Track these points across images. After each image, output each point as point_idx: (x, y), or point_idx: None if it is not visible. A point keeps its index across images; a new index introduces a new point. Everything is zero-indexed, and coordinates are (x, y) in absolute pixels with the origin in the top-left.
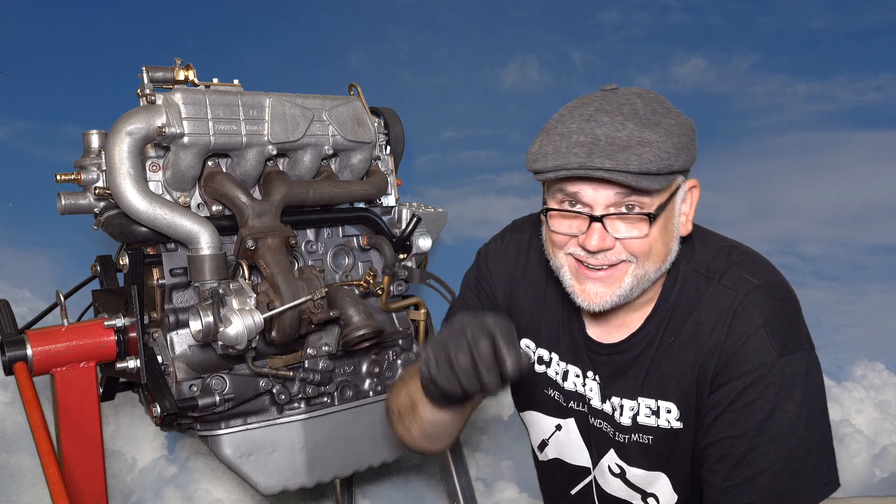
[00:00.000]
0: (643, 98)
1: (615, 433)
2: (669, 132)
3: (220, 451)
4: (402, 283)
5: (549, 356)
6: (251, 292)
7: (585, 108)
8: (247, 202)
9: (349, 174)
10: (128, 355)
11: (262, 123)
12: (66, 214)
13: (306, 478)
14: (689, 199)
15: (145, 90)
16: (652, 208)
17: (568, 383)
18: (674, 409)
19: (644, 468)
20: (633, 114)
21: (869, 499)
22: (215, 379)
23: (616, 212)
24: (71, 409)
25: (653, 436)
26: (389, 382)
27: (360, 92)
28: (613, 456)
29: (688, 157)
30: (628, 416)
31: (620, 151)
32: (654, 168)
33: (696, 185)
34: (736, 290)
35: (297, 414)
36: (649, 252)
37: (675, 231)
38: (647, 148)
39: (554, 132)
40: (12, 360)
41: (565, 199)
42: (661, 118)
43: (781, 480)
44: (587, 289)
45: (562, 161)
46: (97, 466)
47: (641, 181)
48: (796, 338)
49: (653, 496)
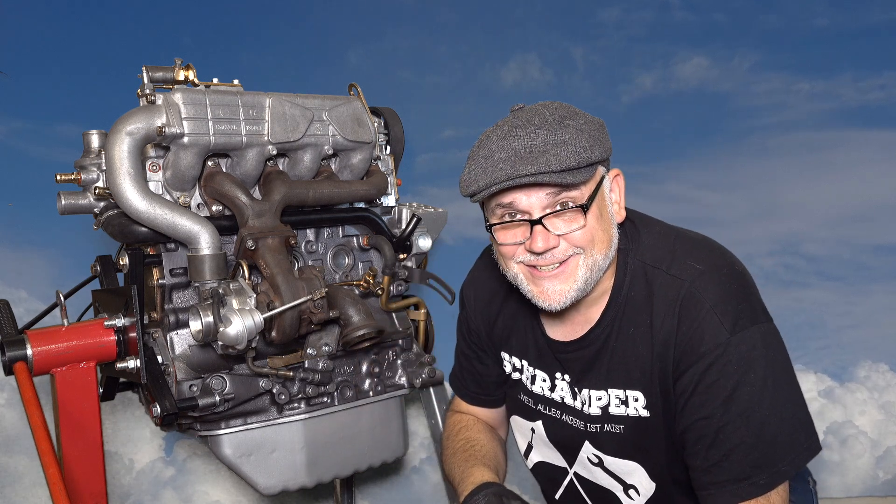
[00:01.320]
0: (549, 108)
1: (586, 425)
2: (579, 130)
3: (220, 451)
4: (402, 283)
5: (521, 363)
6: (251, 292)
7: (500, 129)
8: (247, 202)
9: (349, 174)
10: (128, 355)
11: (262, 123)
12: (66, 214)
13: (306, 478)
14: (617, 188)
15: (145, 90)
16: (583, 200)
17: (535, 387)
18: (640, 397)
19: (619, 456)
20: (542, 122)
21: (869, 499)
22: (215, 379)
23: (552, 211)
24: (71, 409)
25: (623, 425)
26: (389, 382)
27: (360, 92)
28: (589, 447)
29: (602, 149)
30: (597, 406)
31: (540, 156)
32: (573, 163)
33: (619, 173)
34: (682, 278)
35: (297, 414)
36: (593, 240)
37: (611, 218)
38: (563, 147)
39: (478, 157)
40: (12, 360)
41: (504, 213)
42: (568, 121)
43: (758, 452)
44: (545, 289)
45: (490, 178)
46: (97, 466)
47: (566, 177)
48: (749, 313)
49: (633, 487)
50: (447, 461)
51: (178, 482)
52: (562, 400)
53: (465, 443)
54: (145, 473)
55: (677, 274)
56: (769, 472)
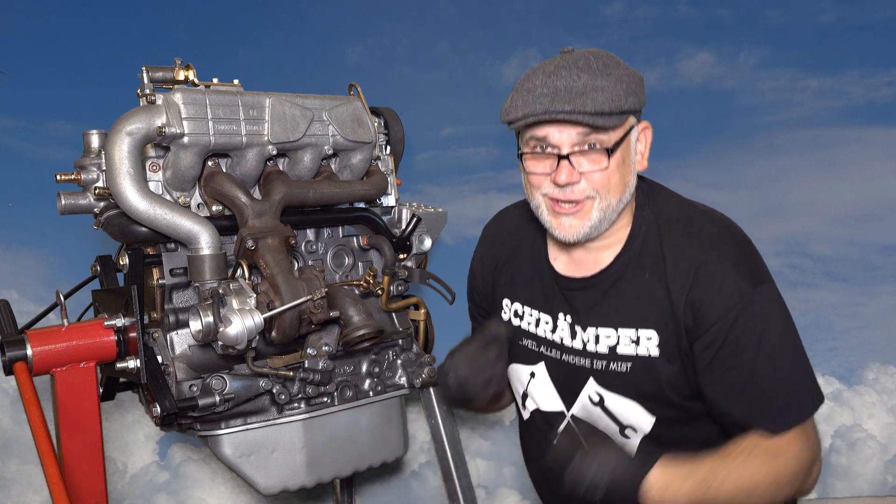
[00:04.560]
0: (595, 55)
1: (592, 362)
2: (619, 79)
3: (220, 451)
4: (402, 283)
5: (523, 309)
6: (251, 292)
7: (546, 66)
8: (247, 202)
9: (349, 174)
10: (128, 355)
11: (262, 123)
12: (65, 214)
13: (306, 478)
14: (644, 139)
15: (145, 90)
16: (609, 144)
17: (539, 329)
18: (654, 336)
19: (621, 394)
20: (587, 67)
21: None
22: (215, 379)
23: (579, 150)
24: (71, 409)
25: (630, 363)
26: (389, 382)
27: (360, 92)
28: (593, 384)
29: (636, 101)
30: (606, 344)
31: (578, 97)
32: (606, 108)
33: (648, 126)
34: (699, 238)
35: (297, 414)
36: (609, 185)
37: (633, 167)
38: (600, 92)
39: (522, 89)
40: (12, 360)
41: (537, 145)
42: (611, 70)
43: (784, 392)
44: (562, 222)
45: (529, 110)
46: (97, 466)
47: (597, 119)
48: (762, 271)
49: (630, 428)
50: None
51: (172, 487)
52: (561, 341)
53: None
54: (139, 478)
55: (694, 234)
56: (797, 409)
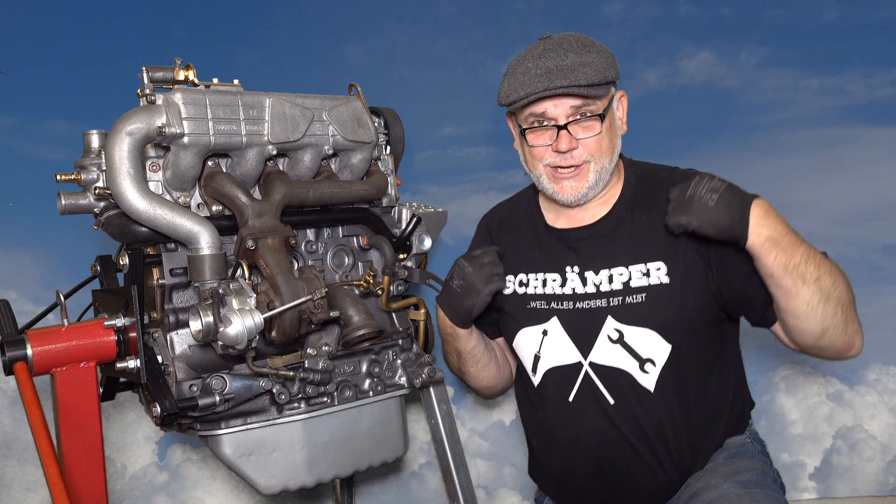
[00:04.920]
0: (573, 37)
1: (608, 301)
2: (600, 53)
3: (220, 451)
4: (402, 283)
5: (527, 277)
6: (251, 292)
7: (534, 51)
8: (247, 202)
9: (349, 174)
10: (128, 355)
11: (262, 123)
12: (66, 214)
13: (306, 478)
14: (621, 106)
15: (145, 90)
16: (600, 111)
17: (547, 288)
18: (663, 266)
19: (639, 325)
20: (570, 47)
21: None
22: (215, 379)
23: (574, 119)
24: (71, 409)
25: (645, 294)
26: (389, 382)
27: (361, 92)
28: (611, 322)
29: (615, 72)
30: (619, 281)
31: (570, 72)
32: (595, 79)
33: (624, 94)
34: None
35: (297, 414)
36: (601, 149)
37: (618, 130)
38: (588, 66)
39: (516, 73)
40: (12, 360)
41: (535, 120)
42: (590, 47)
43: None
44: (564, 185)
45: (530, 89)
46: (97, 466)
47: (590, 90)
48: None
49: (649, 361)
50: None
51: (171, 488)
52: (573, 291)
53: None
54: (138, 479)
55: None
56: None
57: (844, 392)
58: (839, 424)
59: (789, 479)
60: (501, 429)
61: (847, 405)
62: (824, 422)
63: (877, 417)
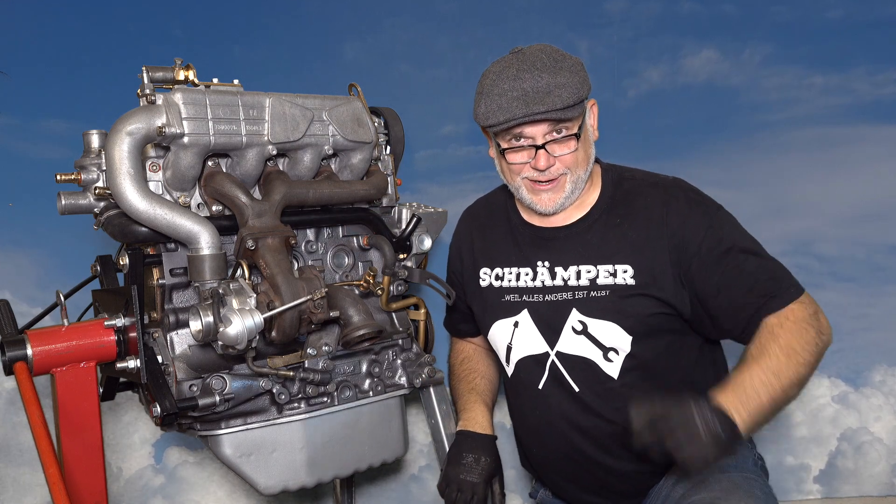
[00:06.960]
0: (544, 51)
1: (574, 294)
2: (572, 72)
3: (220, 451)
4: (402, 283)
5: (502, 271)
6: (251, 292)
7: (508, 70)
8: (247, 202)
9: (349, 174)
10: (128, 355)
11: (262, 123)
12: (66, 214)
13: (306, 477)
14: (592, 115)
15: (145, 90)
16: (575, 129)
17: (520, 282)
18: (630, 269)
19: (601, 318)
20: (543, 66)
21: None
22: (215, 379)
23: (551, 138)
24: (71, 409)
25: (608, 290)
26: (389, 382)
27: (361, 92)
28: (576, 314)
29: (587, 88)
30: (587, 277)
31: (546, 96)
32: (571, 101)
33: (595, 102)
34: (660, 184)
35: (297, 414)
36: (577, 161)
37: (591, 138)
38: (563, 89)
39: (492, 94)
40: (12, 360)
41: (512, 138)
42: (562, 64)
43: (772, 272)
44: (542, 197)
45: (509, 114)
46: (97, 466)
47: (567, 112)
48: (713, 201)
49: (612, 350)
50: (453, 385)
51: (168, 490)
52: (542, 284)
53: (468, 373)
54: (134, 482)
55: (654, 183)
56: (788, 284)
57: (849, 394)
58: (844, 426)
59: (794, 482)
60: (502, 430)
61: (852, 407)
62: (829, 424)
63: (882, 419)
